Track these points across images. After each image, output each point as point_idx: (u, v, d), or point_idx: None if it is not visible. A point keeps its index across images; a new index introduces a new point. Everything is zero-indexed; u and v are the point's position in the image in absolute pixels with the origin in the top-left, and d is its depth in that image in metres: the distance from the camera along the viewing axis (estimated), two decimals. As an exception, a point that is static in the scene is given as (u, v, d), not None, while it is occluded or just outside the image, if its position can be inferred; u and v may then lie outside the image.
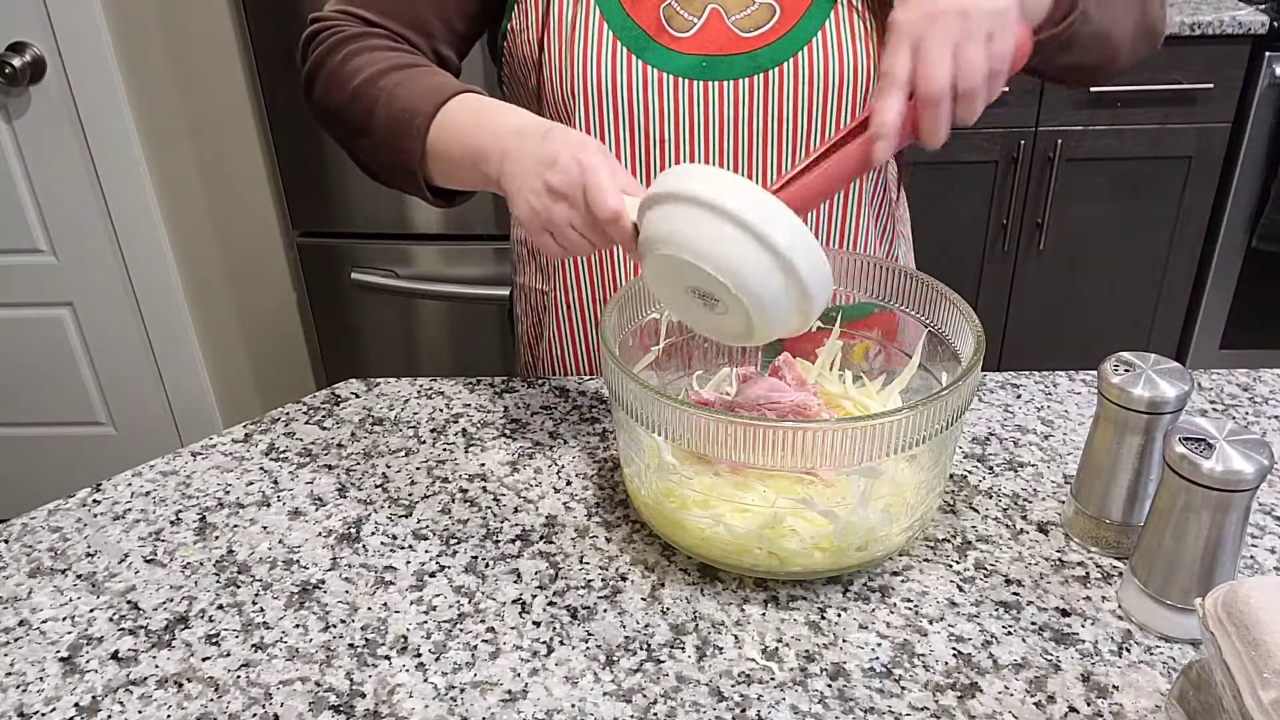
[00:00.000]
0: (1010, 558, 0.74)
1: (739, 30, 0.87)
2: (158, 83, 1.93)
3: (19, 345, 2.13)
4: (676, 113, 0.88)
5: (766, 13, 0.87)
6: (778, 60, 0.86)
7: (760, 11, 0.87)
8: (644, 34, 0.86)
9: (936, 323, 0.77)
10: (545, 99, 0.90)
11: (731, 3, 0.87)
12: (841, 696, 0.63)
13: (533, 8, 0.88)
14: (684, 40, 0.87)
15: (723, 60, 0.87)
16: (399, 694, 0.64)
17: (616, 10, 0.86)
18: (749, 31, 0.87)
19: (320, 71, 0.88)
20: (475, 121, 0.79)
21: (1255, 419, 0.89)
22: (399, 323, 2.02)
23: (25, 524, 0.80)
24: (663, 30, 0.86)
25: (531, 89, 0.91)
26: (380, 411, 0.93)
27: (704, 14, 0.87)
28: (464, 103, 0.81)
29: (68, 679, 0.66)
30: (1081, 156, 2.06)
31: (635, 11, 0.86)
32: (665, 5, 0.87)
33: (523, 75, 0.92)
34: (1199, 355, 2.26)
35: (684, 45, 0.87)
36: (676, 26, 0.87)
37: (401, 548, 0.77)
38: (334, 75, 0.87)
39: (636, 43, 0.86)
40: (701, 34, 0.87)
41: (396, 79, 0.83)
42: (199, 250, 2.10)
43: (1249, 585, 0.54)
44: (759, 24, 0.87)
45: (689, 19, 0.87)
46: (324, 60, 0.88)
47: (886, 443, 0.64)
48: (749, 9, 0.87)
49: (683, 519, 0.71)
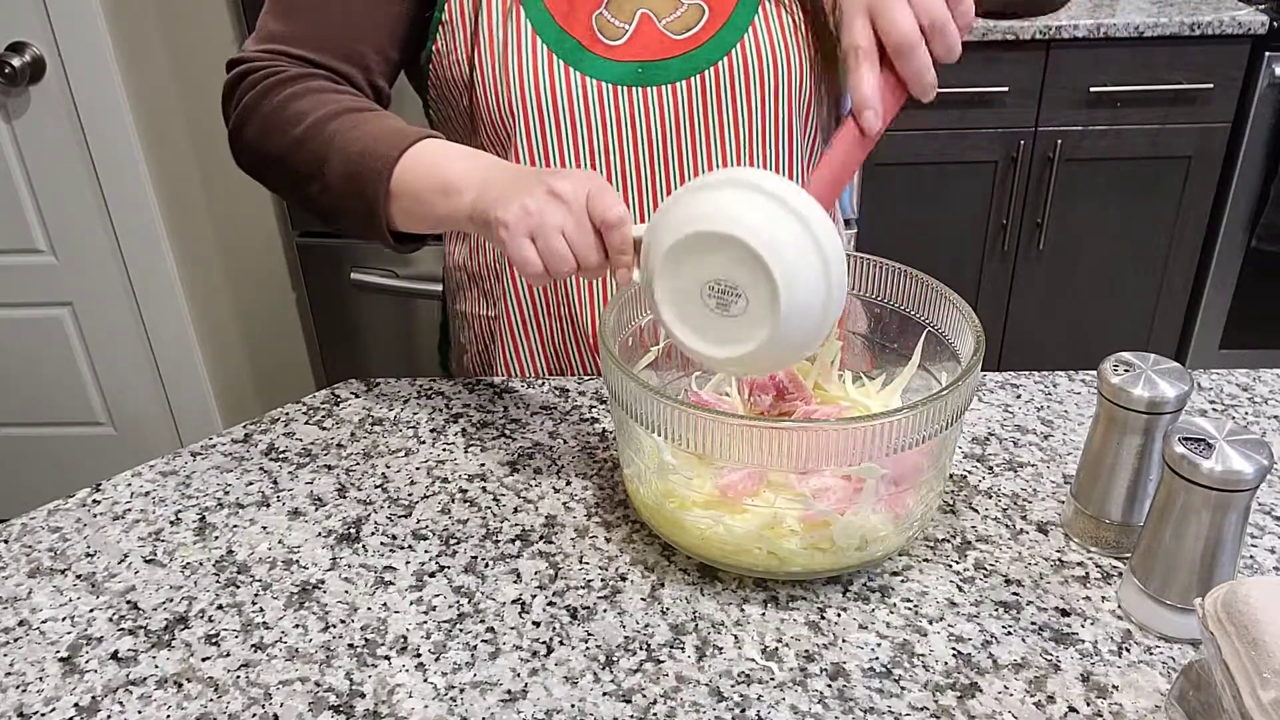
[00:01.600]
0: (1010, 558, 0.74)
1: (670, 33, 0.87)
2: (158, 83, 1.93)
3: (19, 345, 2.13)
4: (619, 121, 0.87)
5: (696, 14, 0.87)
6: (712, 60, 0.86)
7: (689, 13, 0.87)
8: (578, 44, 0.86)
9: (936, 323, 0.77)
10: (480, 119, 0.89)
11: (661, 6, 0.87)
12: (841, 696, 0.63)
13: (459, 28, 0.87)
14: (617, 48, 0.87)
15: (658, 65, 0.87)
16: (399, 694, 0.64)
17: (549, 24, 0.86)
18: (680, 34, 0.87)
19: (252, 117, 0.85)
20: (449, 157, 0.78)
21: (1255, 419, 0.89)
22: (399, 323, 2.02)
23: (25, 524, 0.80)
24: (596, 40, 0.86)
25: (463, 110, 0.90)
26: (380, 412, 0.93)
27: (635, 19, 0.87)
28: (433, 144, 0.80)
29: (67, 679, 0.66)
30: (1081, 156, 2.06)
31: (568, 24, 0.86)
32: (597, 14, 0.87)
33: (453, 97, 0.91)
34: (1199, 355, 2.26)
35: (618, 53, 0.87)
36: (609, 35, 0.87)
37: (401, 548, 0.77)
38: (273, 120, 0.83)
39: (571, 54, 0.86)
40: (634, 40, 0.87)
41: (349, 122, 0.81)
42: (199, 250, 2.10)
43: (1248, 585, 0.54)
44: (689, 25, 0.87)
45: (620, 26, 0.87)
46: (257, 105, 0.84)
47: (886, 443, 0.64)
48: (678, 11, 0.87)
49: (682, 519, 0.71)
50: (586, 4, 0.87)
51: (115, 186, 1.98)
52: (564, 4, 0.86)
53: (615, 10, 0.87)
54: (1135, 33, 1.93)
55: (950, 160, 2.06)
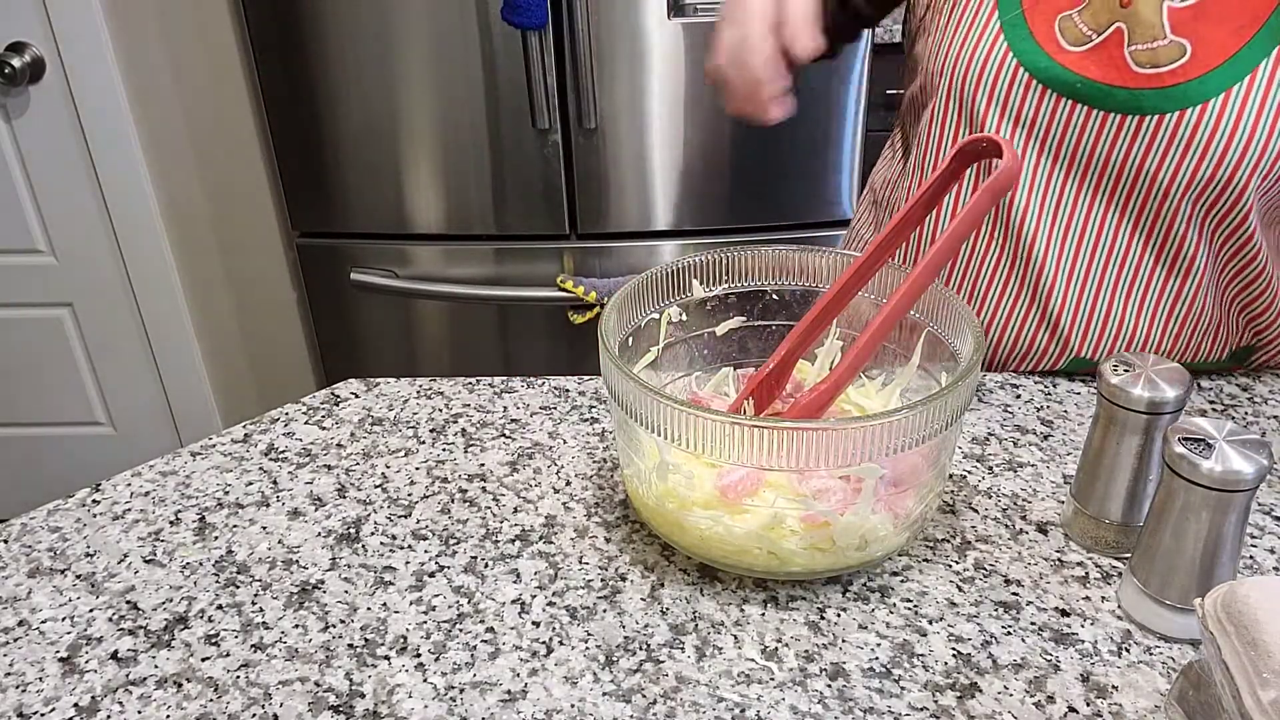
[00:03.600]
0: (1010, 558, 0.74)
1: (1134, 63, 0.79)
2: (158, 83, 1.93)
3: (18, 345, 2.13)
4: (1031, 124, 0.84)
5: (1175, 51, 0.78)
6: (1161, 109, 0.79)
7: (1169, 49, 0.78)
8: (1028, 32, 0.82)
9: (936, 323, 0.77)
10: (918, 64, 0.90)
11: (1141, 29, 0.79)
12: (841, 696, 0.63)
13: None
14: (1072, 54, 0.81)
15: (1096, 86, 0.80)
16: (398, 694, 0.64)
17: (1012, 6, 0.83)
18: (1144, 67, 0.79)
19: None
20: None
21: (1255, 419, 0.89)
22: (399, 323, 2.02)
23: (24, 524, 0.80)
24: (1052, 38, 0.81)
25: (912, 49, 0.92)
26: (380, 412, 0.93)
27: (1106, 32, 0.80)
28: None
29: (67, 679, 0.66)
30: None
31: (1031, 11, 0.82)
32: (1064, 16, 0.81)
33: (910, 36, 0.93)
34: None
35: (1069, 59, 0.81)
36: (1070, 39, 0.81)
37: (401, 548, 0.77)
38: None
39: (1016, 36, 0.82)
40: (1094, 53, 0.80)
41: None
42: (198, 250, 2.10)
43: (1248, 585, 0.54)
44: (1159, 61, 0.79)
45: (1088, 34, 0.80)
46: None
47: (886, 443, 0.64)
48: (1157, 42, 0.78)
49: (682, 519, 0.71)
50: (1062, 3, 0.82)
51: (115, 186, 1.98)
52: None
53: (1090, 15, 0.81)
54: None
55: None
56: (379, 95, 1.77)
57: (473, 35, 1.71)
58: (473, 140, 1.80)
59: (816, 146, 1.81)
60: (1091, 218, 0.86)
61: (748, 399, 0.77)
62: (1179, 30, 0.78)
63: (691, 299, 0.82)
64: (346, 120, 1.80)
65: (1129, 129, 0.81)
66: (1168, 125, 0.79)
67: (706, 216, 1.87)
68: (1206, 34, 0.78)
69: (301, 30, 1.74)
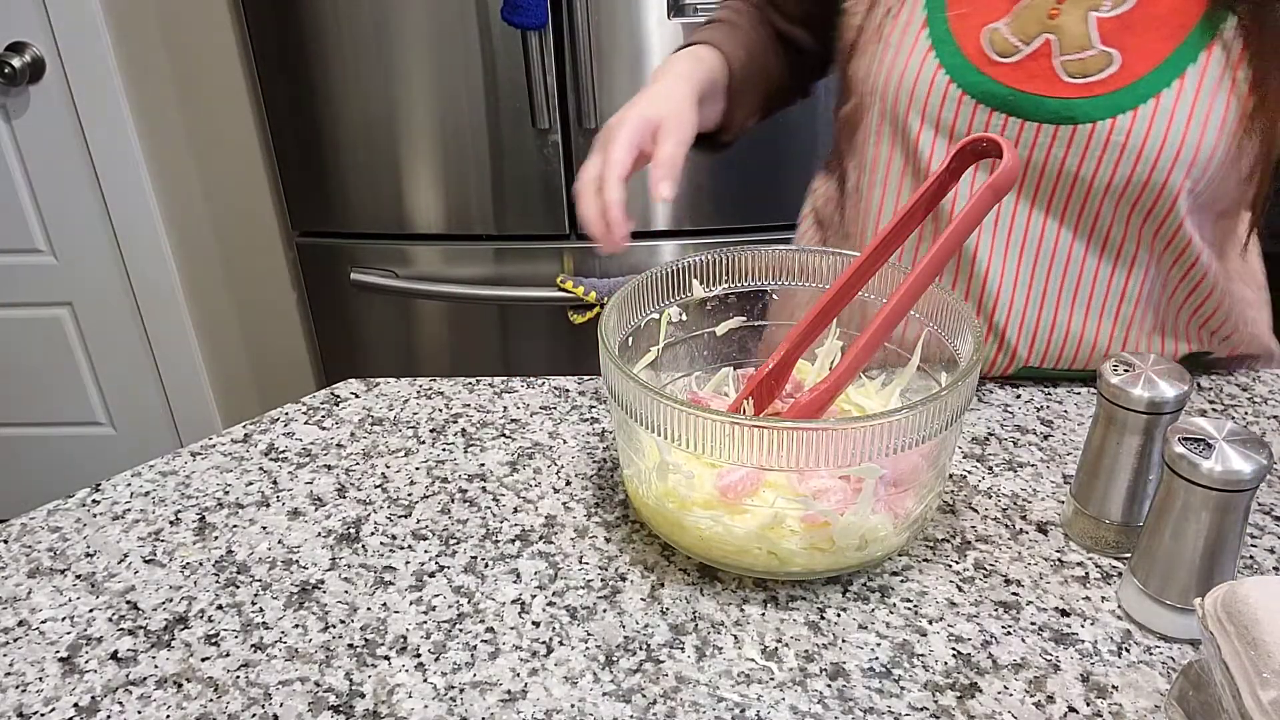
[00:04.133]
0: (1010, 558, 0.74)
1: (1063, 73, 0.80)
2: (157, 83, 1.93)
3: (18, 345, 2.13)
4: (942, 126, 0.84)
5: (1104, 60, 0.79)
6: (1092, 117, 0.79)
7: (1098, 58, 0.79)
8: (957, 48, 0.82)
9: (936, 323, 0.77)
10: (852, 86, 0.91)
11: (1069, 39, 0.80)
12: (841, 697, 0.63)
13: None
14: (999, 66, 0.81)
15: (1027, 98, 0.81)
16: (398, 694, 0.64)
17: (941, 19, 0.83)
18: (1074, 77, 0.80)
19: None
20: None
21: (1255, 419, 0.89)
22: (399, 323, 2.02)
23: (24, 524, 0.80)
24: (980, 51, 0.82)
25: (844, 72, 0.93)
26: (380, 412, 0.93)
27: (1035, 43, 0.80)
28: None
29: (67, 679, 0.66)
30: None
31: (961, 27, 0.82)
32: (992, 28, 0.82)
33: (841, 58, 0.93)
34: (1199, 355, 2.26)
35: (1000, 72, 0.81)
36: (1000, 50, 0.81)
37: (401, 548, 0.77)
38: None
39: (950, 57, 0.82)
40: (1024, 65, 0.81)
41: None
42: (198, 250, 2.10)
43: (1248, 585, 0.54)
44: (1088, 71, 0.79)
45: (1016, 44, 0.81)
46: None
47: (885, 443, 0.64)
48: (1086, 52, 0.79)
49: (682, 519, 0.71)
50: (987, 15, 0.82)
51: (115, 186, 1.98)
52: (965, 5, 0.83)
53: (1017, 27, 0.81)
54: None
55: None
56: (379, 95, 1.77)
57: (473, 35, 1.71)
58: (472, 140, 1.80)
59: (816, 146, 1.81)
60: (1031, 228, 0.86)
61: (747, 399, 0.77)
62: (1108, 40, 0.79)
63: (691, 299, 0.82)
64: (346, 120, 1.80)
65: (1063, 139, 0.81)
66: (1100, 133, 0.80)
67: (706, 216, 1.87)
68: (1134, 43, 0.79)
69: (301, 30, 1.74)
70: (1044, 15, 0.81)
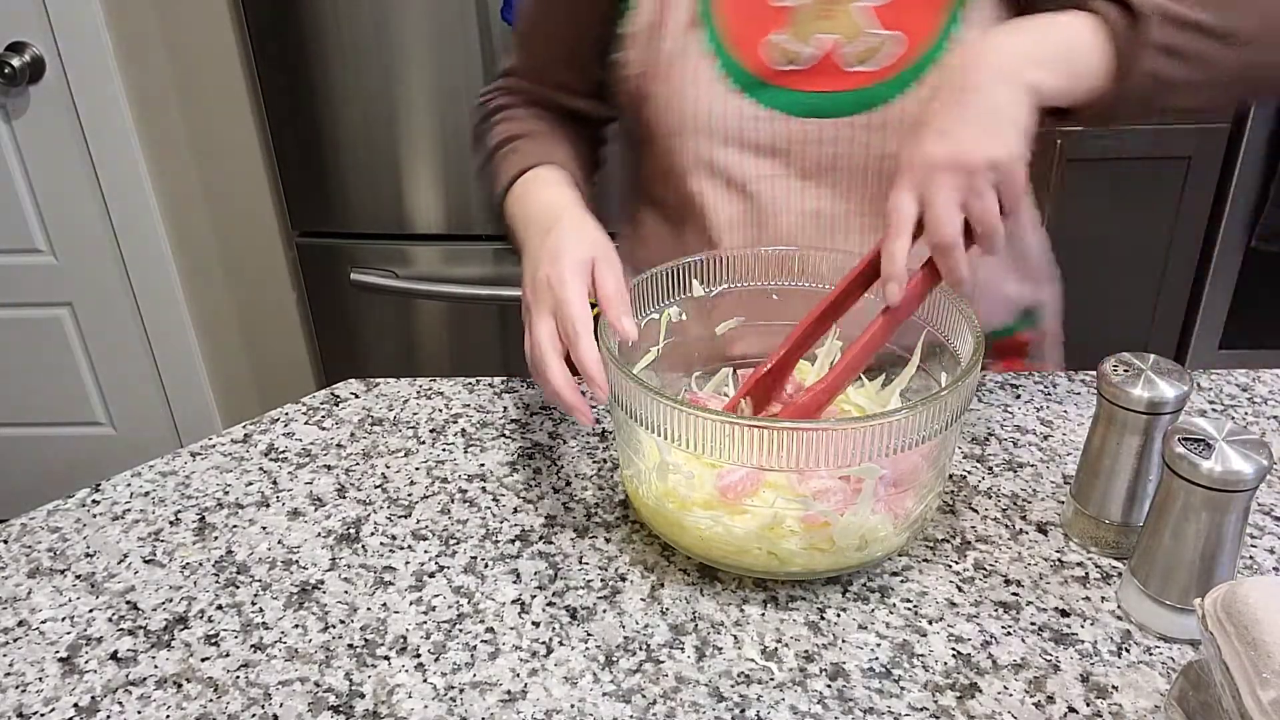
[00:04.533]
0: (1009, 558, 0.74)
1: (849, 64, 0.83)
2: (157, 83, 1.93)
3: (18, 345, 2.13)
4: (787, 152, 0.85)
5: (889, 44, 0.82)
6: (885, 98, 0.83)
7: (876, 43, 0.82)
8: (753, 72, 0.83)
9: (936, 323, 0.77)
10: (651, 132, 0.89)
11: (847, 32, 0.82)
12: (841, 697, 0.63)
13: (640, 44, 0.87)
14: (789, 75, 0.83)
15: (826, 96, 0.83)
16: (398, 694, 0.64)
17: (725, 49, 0.84)
18: (863, 64, 0.83)
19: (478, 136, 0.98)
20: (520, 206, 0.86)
21: (1254, 419, 0.89)
22: (398, 323, 2.02)
23: (24, 524, 0.80)
24: (766, 66, 0.83)
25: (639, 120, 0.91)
26: (379, 412, 0.93)
27: (814, 45, 0.83)
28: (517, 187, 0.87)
29: (67, 679, 0.66)
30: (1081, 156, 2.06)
31: (745, 49, 0.83)
32: (777, 39, 0.83)
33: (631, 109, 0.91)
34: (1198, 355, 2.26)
35: (796, 80, 0.83)
36: (788, 61, 0.83)
37: (401, 548, 0.77)
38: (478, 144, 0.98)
39: (747, 82, 0.84)
40: (810, 70, 0.83)
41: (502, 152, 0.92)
42: (198, 250, 2.10)
43: (1248, 585, 0.54)
44: (875, 57, 0.82)
45: (800, 51, 0.83)
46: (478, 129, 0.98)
47: (885, 443, 0.64)
48: (865, 39, 0.82)
49: (682, 519, 0.71)
50: (764, 29, 0.83)
51: (115, 186, 1.98)
52: (741, 26, 0.84)
53: (795, 36, 0.83)
54: (1135, 33, 1.93)
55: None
56: (379, 95, 1.77)
57: (473, 35, 1.71)
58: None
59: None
60: (852, 221, 0.88)
61: (744, 398, 0.77)
62: (887, 24, 0.82)
63: (691, 299, 0.82)
64: (346, 120, 1.80)
65: (869, 125, 0.84)
66: (896, 111, 0.83)
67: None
68: (912, 20, 0.82)
69: (301, 30, 1.74)
70: (817, 16, 0.83)
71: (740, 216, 0.89)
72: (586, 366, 0.69)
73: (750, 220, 0.89)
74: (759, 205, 0.88)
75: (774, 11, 0.83)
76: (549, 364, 0.71)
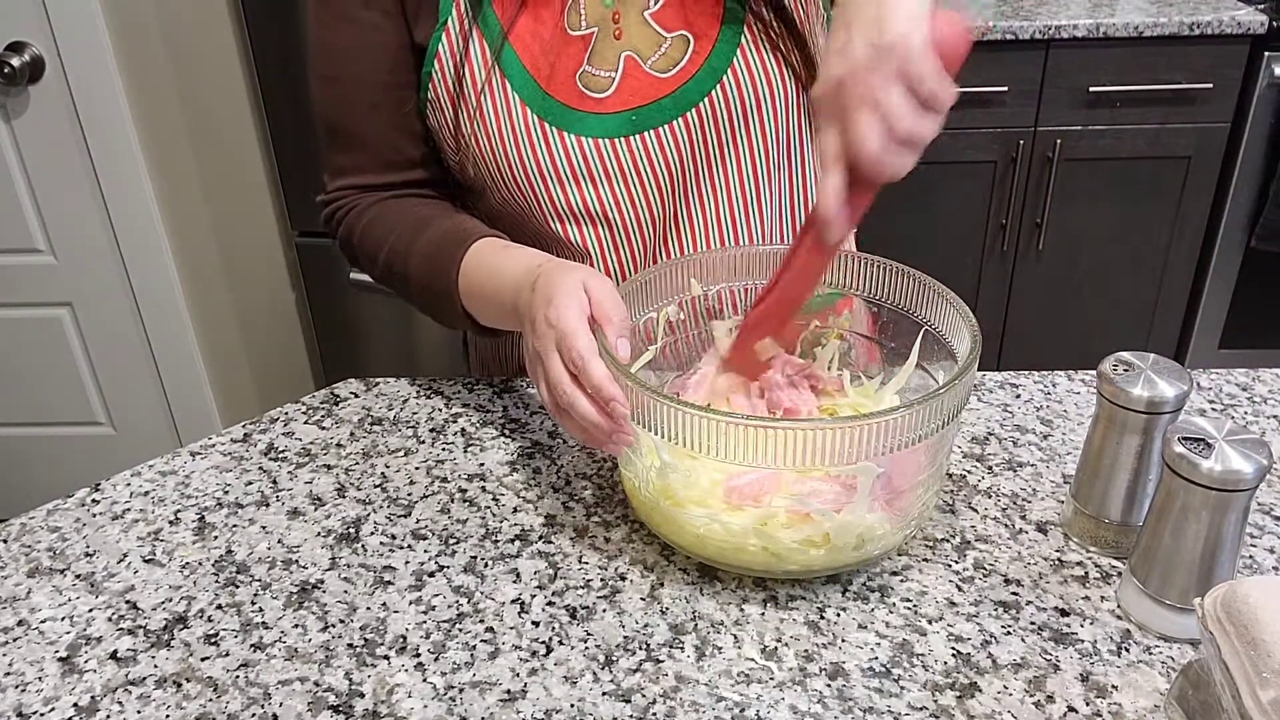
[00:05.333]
0: (1009, 557, 0.74)
1: (657, 73, 0.85)
2: (157, 82, 1.93)
3: (18, 345, 2.13)
4: (622, 174, 0.86)
5: (681, 47, 0.85)
6: (703, 92, 0.85)
7: (674, 48, 0.85)
8: (564, 106, 0.84)
9: (934, 322, 0.77)
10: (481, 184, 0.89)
11: (645, 46, 0.85)
12: (840, 696, 0.63)
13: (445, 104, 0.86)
14: (607, 99, 0.85)
15: (649, 108, 0.85)
16: (398, 694, 0.64)
17: (532, 88, 0.84)
18: (667, 72, 0.85)
19: (347, 252, 0.95)
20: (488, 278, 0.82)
21: (1254, 419, 0.89)
22: (398, 323, 2.02)
23: (24, 524, 0.80)
24: (583, 96, 0.85)
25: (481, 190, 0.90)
26: (379, 411, 0.93)
27: (620, 65, 0.85)
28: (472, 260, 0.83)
29: (66, 679, 0.66)
30: (1080, 156, 2.06)
31: (551, 86, 0.84)
32: (580, 72, 0.84)
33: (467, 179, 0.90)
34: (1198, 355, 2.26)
35: (608, 104, 0.85)
36: (595, 88, 0.85)
37: (400, 547, 0.77)
38: (362, 255, 0.93)
39: (559, 117, 0.84)
40: (622, 88, 0.85)
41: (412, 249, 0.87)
42: (198, 250, 2.10)
43: (1248, 585, 0.54)
44: (675, 61, 0.85)
45: (606, 76, 0.85)
46: (349, 241, 0.93)
47: (883, 442, 0.64)
48: (662, 48, 0.85)
49: (679, 516, 0.71)
50: (568, 63, 0.84)
51: (115, 186, 1.98)
52: (546, 66, 0.84)
53: (598, 61, 0.85)
54: (1135, 32, 1.93)
55: (950, 160, 2.06)
56: (379, 95, 1.77)
57: (472, 35, 1.71)
58: (472, 140, 1.80)
59: (816, 146, 1.81)
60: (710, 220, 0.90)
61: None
62: (673, 26, 0.85)
63: (690, 298, 0.82)
64: (346, 120, 1.80)
65: (693, 124, 0.86)
66: (713, 104, 0.85)
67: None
68: (694, 19, 0.85)
69: (301, 30, 1.74)
70: (611, 38, 0.85)
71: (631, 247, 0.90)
72: (601, 388, 0.67)
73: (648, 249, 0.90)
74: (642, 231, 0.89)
75: (574, 41, 0.84)
76: (575, 400, 0.69)
